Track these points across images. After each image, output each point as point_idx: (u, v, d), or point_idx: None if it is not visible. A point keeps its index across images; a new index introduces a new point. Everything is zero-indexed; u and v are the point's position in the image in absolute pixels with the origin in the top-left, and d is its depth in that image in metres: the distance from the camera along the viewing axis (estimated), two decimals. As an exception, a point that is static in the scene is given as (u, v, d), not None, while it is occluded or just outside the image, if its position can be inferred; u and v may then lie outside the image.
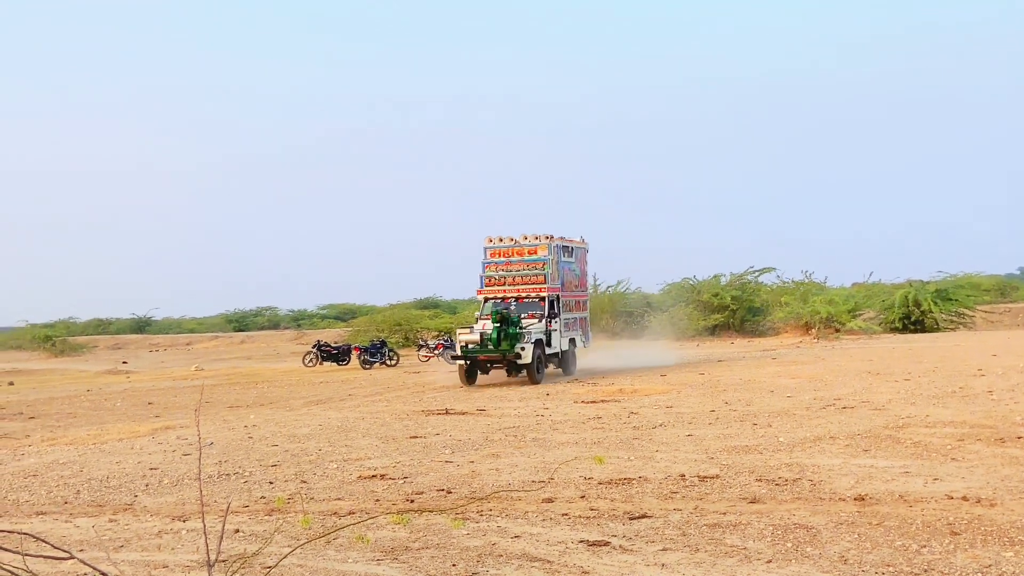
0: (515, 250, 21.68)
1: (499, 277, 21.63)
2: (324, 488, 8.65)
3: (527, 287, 21.24)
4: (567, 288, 22.18)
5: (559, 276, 21.69)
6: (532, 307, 20.92)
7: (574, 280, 22.95)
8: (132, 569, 5.71)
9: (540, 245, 21.51)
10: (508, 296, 21.32)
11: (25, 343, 55.71)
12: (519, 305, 20.99)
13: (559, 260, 21.77)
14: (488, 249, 21.97)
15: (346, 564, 5.90)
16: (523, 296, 21.18)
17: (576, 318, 22.90)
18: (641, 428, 11.73)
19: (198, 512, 7.68)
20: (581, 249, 23.68)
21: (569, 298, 22.34)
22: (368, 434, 12.44)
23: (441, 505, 7.50)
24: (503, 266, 21.70)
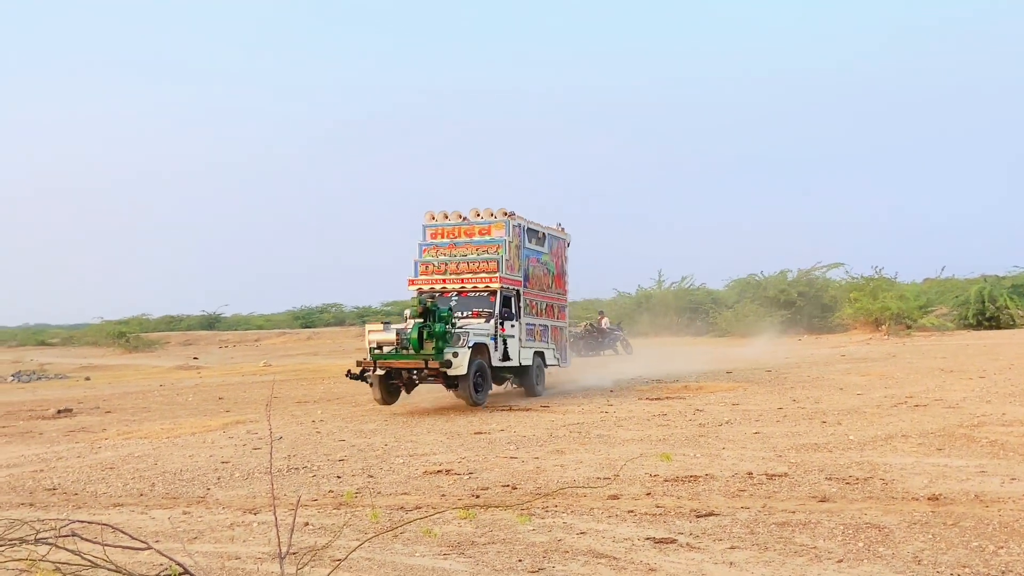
0: (462, 229, 16.61)
1: (439, 264, 16.44)
2: (390, 483, 8.74)
3: (474, 277, 16.14)
4: (534, 284, 17.35)
5: (521, 266, 16.78)
6: (480, 303, 16.01)
7: (545, 276, 17.97)
8: (206, 560, 5.85)
9: (495, 223, 16.47)
10: (448, 288, 16.26)
11: (100, 339, 57.29)
12: (462, 301, 16.05)
13: (522, 246, 16.86)
14: (427, 228, 16.89)
15: (413, 558, 5.96)
16: (468, 289, 16.16)
17: (546, 326, 17.83)
18: (707, 425, 11.62)
19: (268, 505, 7.83)
20: (558, 239, 18.65)
21: (537, 298, 17.48)
22: (433, 430, 12.53)
23: (506, 501, 7.53)
24: (445, 250, 16.62)
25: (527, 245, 17.14)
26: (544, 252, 17.97)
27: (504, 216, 16.49)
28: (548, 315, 17.99)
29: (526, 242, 17.08)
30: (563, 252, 19.06)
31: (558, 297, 18.66)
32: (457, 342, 14.46)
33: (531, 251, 17.33)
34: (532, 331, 17.08)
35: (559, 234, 18.78)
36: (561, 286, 18.93)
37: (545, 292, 17.89)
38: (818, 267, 43.76)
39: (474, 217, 16.73)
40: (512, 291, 16.41)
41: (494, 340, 15.42)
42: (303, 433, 12.76)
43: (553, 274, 18.43)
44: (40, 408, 19.17)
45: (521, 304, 16.67)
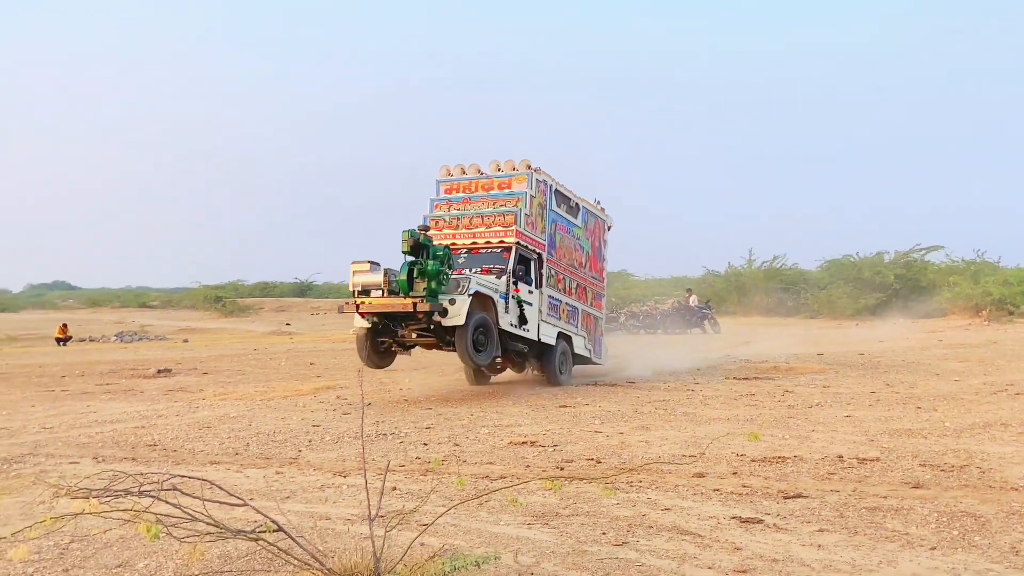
0: (479, 184, 14.51)
1: (450, 219, 14.26)
2: (475, 452, 8.83)
3: (488, 231, 13.91)
4: (562, 255, 15.14)
5: (545, 229, 14.55)
6: (492, 261, 13.71)
7: (577, 252, 15.76)
8: (298, 519, 6.01)
9: (516, 176, 14.26)
10: (458, 245, 14.00)
11: (198, 303, 59.15)
12: (472, 259, 13.80)
13: (547, 206, 14.63)
14: (441, 183, 14.82)
15: (498, 526, 6.02)
16: (480, 245, 13.93)
17: (576, 308, 15.60)
18: (796, 407, 11.42)
19: (357, 469, 8.00)
20: (595, 217, 16.55)
21: (565, 272, 15.24)
22: (518, 402, 12.60)
23: (591, 474, 7.54)
24: (459, 205, 14.43)
25: (554, 208, 14.85)
26: (577, 224, 15.73)
27: (528, 169, 14.24)
28: (579, 297, 15.73)
29: (553, 204, 14.80)
30: (601, 233, 16.82)
31: (592, 281, 16.40)
32: (456, 288, 12.28)
33: (560, 217, 15.04)
34: (556, 308, 14.79)
35: (598, 212, 16.62)
36: (597, 270, 16.60)
37: (576, 270, 15.64)
38: (917, 249, 42.47)
39: (493, 171, 14.50)
40: (532, 252, 14.13)
41: (504, 299, 13.09)
42: (391, 400, 12.98)
43: (587, 253, 16.16)
44: (141, 367, 19.95)
45: (544, 272, 14.37)
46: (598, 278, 16.63)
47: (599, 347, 16.52)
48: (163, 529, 3.99)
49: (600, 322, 16.56)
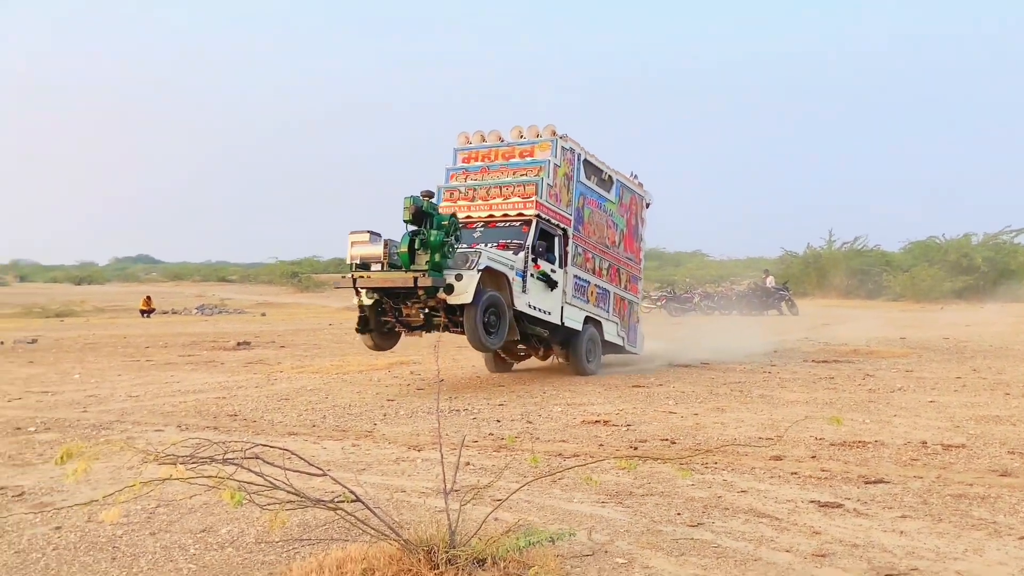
0: (499, 152, 13.13)
1: (466, 190, 12.90)
2: (548, 430, 8.84)
3: (506, 203, 12.53)
4: (591, 232, 13.73)
5: (572, 202, 13.15)
6: (509, 235, 12.35)
7: (610, 230, 14.33)
8: (374, 491, 6.09)
9: (540, 144, 12.85)
10: (473, 218, 12.70)
11: (275, 278, 60.30)
12: (488, 233, 12.49)
13: (575, 177, 13.22)
14: (459, 152, 13.53)
15: (571, 504, 6.02)
16: (497, 218, 12.58)
17: (607, 291, 14.19)
18: (877, 391, 11.17)
19: (431, 443, 8.08)
20: (632, 192, 15.10)
21: (595, 251, 13.83)
22: (590, 380, 12.58)
23: (665, 455, 7.48)
24: (476, 174, 13.10)
25: (583, 180, 13.47)
26: (610, 199, 14.30)
27: (553, 136, 12.81)
28: (611, 279, 14.36)
29: (581, 175, 13.40)
30: (638, 210, 15.40)
31: (627, 262, 14.97)
32: (463, 263, 11.02)
33: (589, 190, 13.67)
34: (584, 289, 13.44)
35: (634, 187, 15.16)
36: (633, 250, 15.20)
37: (608, 249, 14.27)
38: (1007, 231, 41.04)
39: (515, 138, 13.09)
40: (556, 228, 12.73)
41: (521, 277, 11.73)
42: (464, 376, 13.07)
43: (622, 231, 14.74)
44: (221, 340, 20.44)
45: (570, 249, 13.03)
46: (634, 259, 15.22)
47: (634, 335, 15.12)
48: (246, 496, 4.07)
49: (635, 307, 15.24)
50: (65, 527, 5.48)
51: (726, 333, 20.13)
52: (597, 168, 13.91)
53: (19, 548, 5.11)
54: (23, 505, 6.05)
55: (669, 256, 61.52)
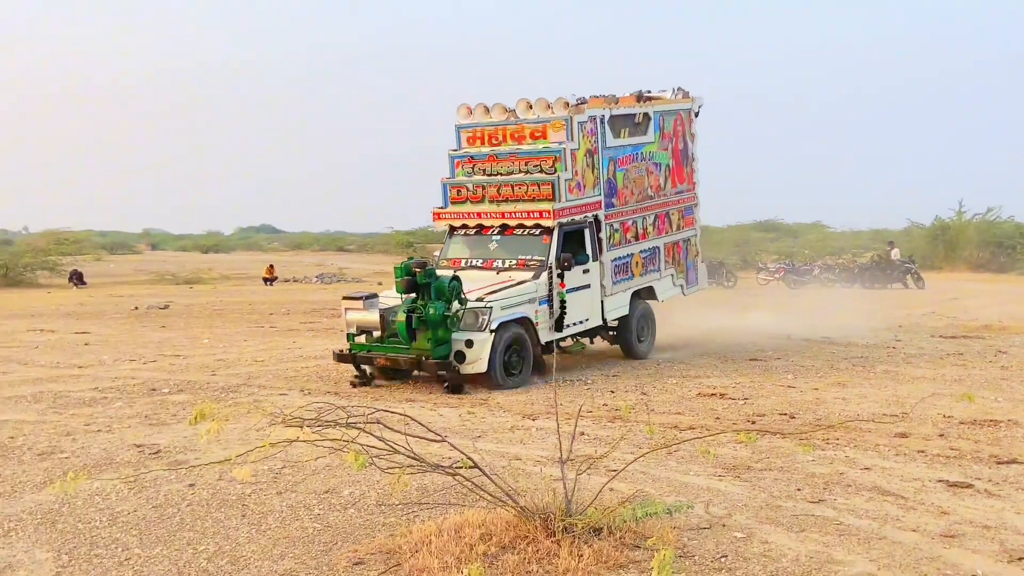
0: (507, 131, 11.29)
1: (474, 188, 11.19)
2: (663, 401, 8.77)
3: (518, 207, 10.87)
4: (627, 196, 12.07)
5: (599, 179, 11.48)
6: (528, 247, 10.73)
7: (650, 177, 12.58)
8: (490, 458, 6.17)
9: (552, 122, 11.02)
10: (487, 225, 11.16)
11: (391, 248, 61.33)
12: (505, 243, 10.93)
13: (600, 148, 11.47)
14: (462, 130, 11.63)
15: (688, 476, 5.97)
16: (512, 226, 10.97)
17: (655, 248, 12.67)
18: (1011, 368, 10.67)
19: (545, 412, 8.13)
20: (671, 113, 13.07)
21: (634, 215, 12.23)
22: (706, 353, 12.41)
23: (784, 429, 7.34)
24: (483, 163, 11.34)
25: (611, 143, 11.70)
26: (647, 141, 12.44)
27: (566, 108, 11.08)
28: (659, 229, 12.75)
29: (608, 139, 11.63)
30: (685, 127, 13.36)
31: (677, 198, 13.24)
32: (474, 323, 9.62)
33: (619, 148, 11.91)
34: (626, 266, 11.99)
35: (675, 105, 13.12)
36: (682, 178, 13.35)
37: (651, 199, 12.57)
38: None
39: (523, 112, 11.22)
40: (585, 221, 11.16)
41: (547, 303, 10.40)
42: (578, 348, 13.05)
43: (667, 166, 12.95)
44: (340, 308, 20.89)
45: (603, 235, 11.51)
46: (686, 189, 13.49)
47: (694, 273, 13.77)
48: (368, 460, 4.18)
49: (693, 240, 13.69)
50: (198, 484, 5.74)
51: (847, 306, 19.52)
52: (627, 116, 12.15)
53: (156, 503, 5.39)
54: (159, 462, 6.37)
55: (787, 227, 59.91)
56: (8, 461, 6.40)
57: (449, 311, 9.37)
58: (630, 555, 4.34)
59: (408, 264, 9.59)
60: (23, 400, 8.79)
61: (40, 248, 32.35)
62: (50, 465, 6.30)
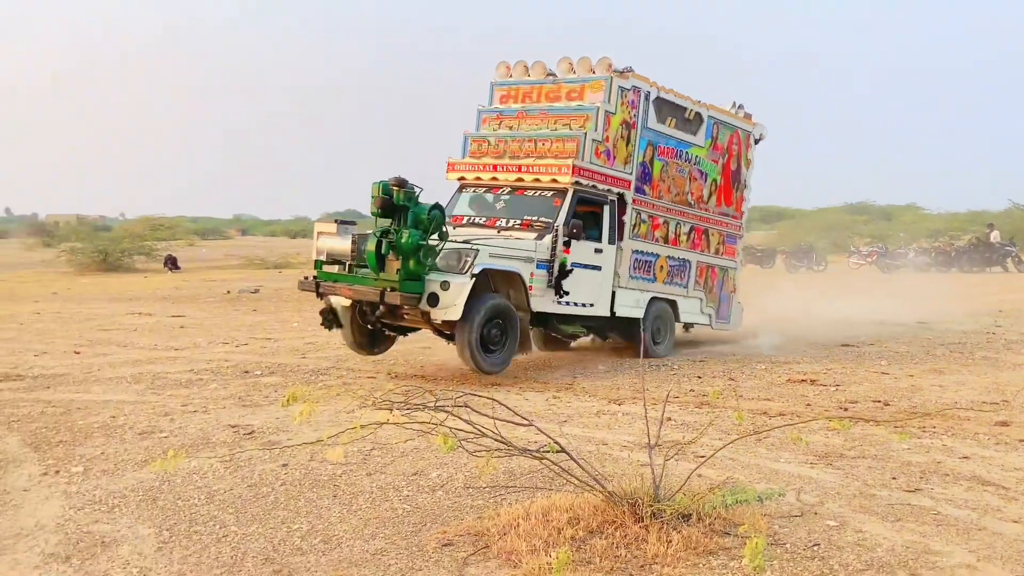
0: (542, 91, 10.40)
1: (496, 141, 10.44)
2: (752, 387, 8.65)
3: (535, 164, 9.93)
4: (663, 190, 10.90)
5: (633, 156, 10.38)
6: (537, 207, 9.86)
7: (693, 181, 11.36)
8: (576, 443, 6.16)
9: (591, 82, 10.07)
10: (500, 180, 10.27)
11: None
12: (514, 202, 10.11)
13: (640, 124, 10.42)
14: (496, 87, 10.88)
15: (778, 463, 5.87)
16: (526, 184, 10.03)
17: (686, 261, 11.37)
18: (1121, 356, 10.22)
19: (632, 397, 8.08)
20: (729, 127, 11.84)
21: (669, 214, 11.05)
22: (796, 338, 12.17)
23: (878, 417, 7.16)
24: (512, 119, 10.53)
25: (652, 125, 10.61)
26: (695, 143, 11.27)
27: (608, 72, 9.99)
28: (694, 244, 11.45)
29: (650, 119, 10.57)
30: (742, 150, 12.06)
31: (720, 219, 11.90)
32: (456, 264, 8.66)
33: (662, 136, 10.78)
34: (648, 266, 10.75)
35: (735, 121, 11.96)
36: (730, 202, 12.02)
37: (690, 207, 11.35)
38: None
39: (565, 72, 10.30)
40: (605, 194, 10.14)
41: (545, 269, 9.34)
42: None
43: (714, 182, 11.68)
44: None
45: (628, 218, 10.39)
46: (731, 214, 12.09)
47: (727, 307, 12.11)
48: (457, 443, 4.21)
49: (731, 274, 12.18)
50: (291, 464, 5.87)
51: (944, 291, 18.92)
52: (676, 106, 10.96)
53: (251, 482, 5.53)
54: (253, 442, 6.53)
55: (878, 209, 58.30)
56: (111, 440, 6.64)
57: (426, 241, 8.28)
58: (720, 542, 4.29)
59: (386, 182, 8.35)
60: (123, 381, 9.12)
61: (136, 234, 33.40)
62: (150, 444, 6.52)
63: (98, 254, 29.84)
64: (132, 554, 4.34)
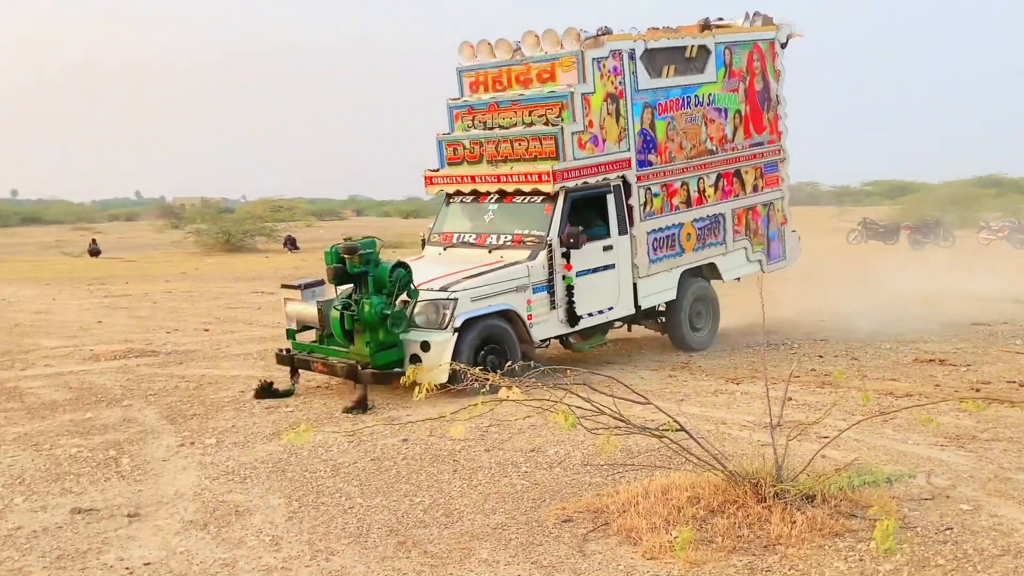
0: (512, 73, 9.14)
1: (471, 144, 9.12)
2: (877, 367, 8.39)
3: (520, 167, 8.71)
4: (672, 151, 9.48)
5: (629, 126, 9.06)
6: (528, 218, 8.64)
7: (710, 124, 9.90)
8: (694, 421, 6.10)
9: (561, 59, 8.79)
10: (482, 191, 9.07)
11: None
12: (504, 211, 8.87)
13: (629, 91, 9.05)
14: (464, 74, 9.51)
15: (906, 445, 5.69)
16: (510, 192, 8.85)
17: (721, 215, 10.03)
18: None
19: (750, 376, 7.95)
20: (745, 45, 10.32)
21: (687, 173, 9.65)
22: (919, 315, 11.72)
23: (1013, 398, 6.85)
24: (484, 113, 9.22)
25: (645, 85, 9.22)
26: (704, 81, 9.83)
27: (579, 44, 8.67)
28: (725, 192, 10.08)
29: (641, 80, 9.17)
30: (765, 63, 10.52)
31: (752, 152, 10.42)
32: (434, 318, 7.59)
33: (661, 92, 9.41)
34: (670, 239, 9.45)
35: (750, 35, 10.40)
36: (760, 128, 10.51)
37: (712, 155, 9.92)
38: None
39: (531, 48, 8.95)
40: (606, 185, 8.85)
41: (545, 291, 8.23)
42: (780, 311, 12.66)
43: (736, 114, 10.19)
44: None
45: (636, 199, 9.09)
46: (765, 140, 10.58)
47: (779, 245, 10.87)
48: (576, 420, 4.22)
49: (778, 204, 10.82)
50: (411, 440, 6.01)
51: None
52: (672, 50, 9.59)
53: (374, 456, 5.68)
54: (375, 418, 6.70)
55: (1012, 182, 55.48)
56: (240, 414, 6.92)
57: (391, 307, 7.30)
58: (846, 524, 4.19)
59: (337, 249, 7.48)
60: (250, 357, 9.46)
61: (257, 215, 34.42)
62: (277, 418, 6.76)
63: (222, 235, 30.95)
64: (264, 523, 4.52)
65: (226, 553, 4.12)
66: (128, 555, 4.11)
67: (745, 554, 3.99)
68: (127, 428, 6.47)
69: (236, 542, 4.25)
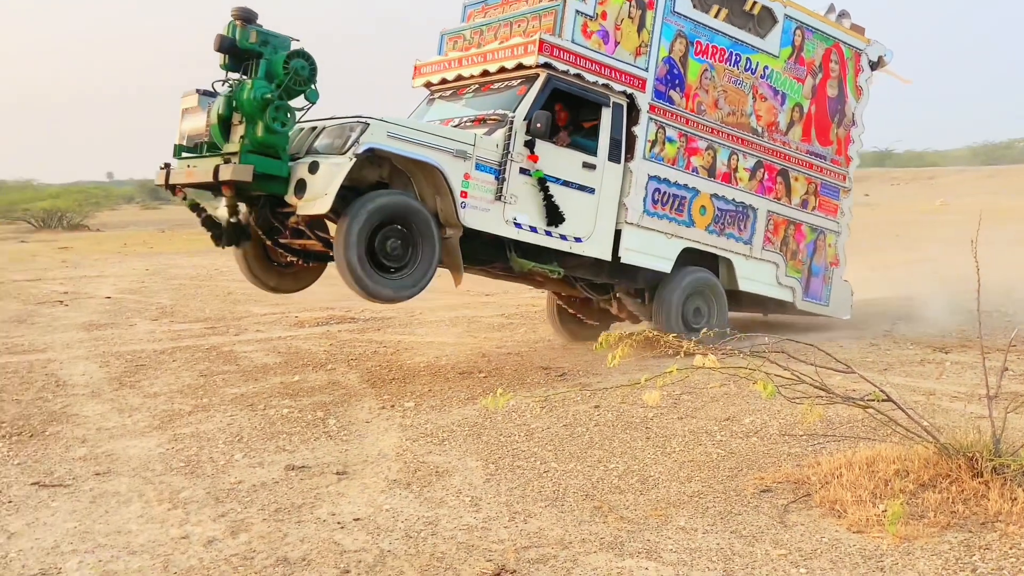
0: None
1: (471, 35, 7.99)
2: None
3: (505, 48, 7.34)
4: (707, 102, 8.02)
5: (653, 44, 7.63)
6: (498, 99, 7.34)
7: (761, 100, 8.41)
8: (899, 392, 5.80)
9: None
10: (465, 75, 7.73)
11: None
12: (478, 98, 7.63)
13: (665, 8, 7.66)
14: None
15: None
16: (491, 74, 7.50)
17: (754, 209, 8.43)
18: None
19: (959, 345, 7.50)
20: (825, 40, 8.80)
21: (723, 139, 8.15)
22: None
23: None
24: (496, 7, 8.03)
25: (684, 10, 7.78)
26: (764, 50, 8.39)
27: None
28: (765, 187, 8.51)
29: (681, 3, 7.75)
30: (845, 71, 8.96)
31: (810, 160, 8.82)
32: (337, 141, 6.30)
33: (704, 30, 7.96)
34: (678, 201, 7.93)
35: (833, 30, 8.87)
36: (825, 140, 8.90)
37: (756, 135, 8.40)
38: None
39: None
40: (602, 91, 7.41)
41: (493, 173, 6.78)
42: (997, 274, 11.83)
43: (796, 106, 8.66)
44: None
45: (641, 129, 7.61)
46: (829, 156, 8.96)
47: (820, 284, 8.94)
48: (776, 389, 4.11)
49: (830, 239, 9.02)
50: (602, 407, 6.03)
51: None
52: None
53: (566, 422, 5.74)
54: (566, 384, 6.77)
55: None
56: (436, 378, 7.15)
57: (273, 95, 6.03)
58: (1075, 503, 3.89)
59: (232, 19, 6.22)
60: (443, 324, 9.76)
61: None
62: (471, 383, 6.94)
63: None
64: (463, 484, 4.66)
65: (429, 512, 4.27)
66: (339, 510, 4.33)
67: (960, 531, 3.78)
68: (332, 391, 6.82)
69: (438, 501, 4.40)
